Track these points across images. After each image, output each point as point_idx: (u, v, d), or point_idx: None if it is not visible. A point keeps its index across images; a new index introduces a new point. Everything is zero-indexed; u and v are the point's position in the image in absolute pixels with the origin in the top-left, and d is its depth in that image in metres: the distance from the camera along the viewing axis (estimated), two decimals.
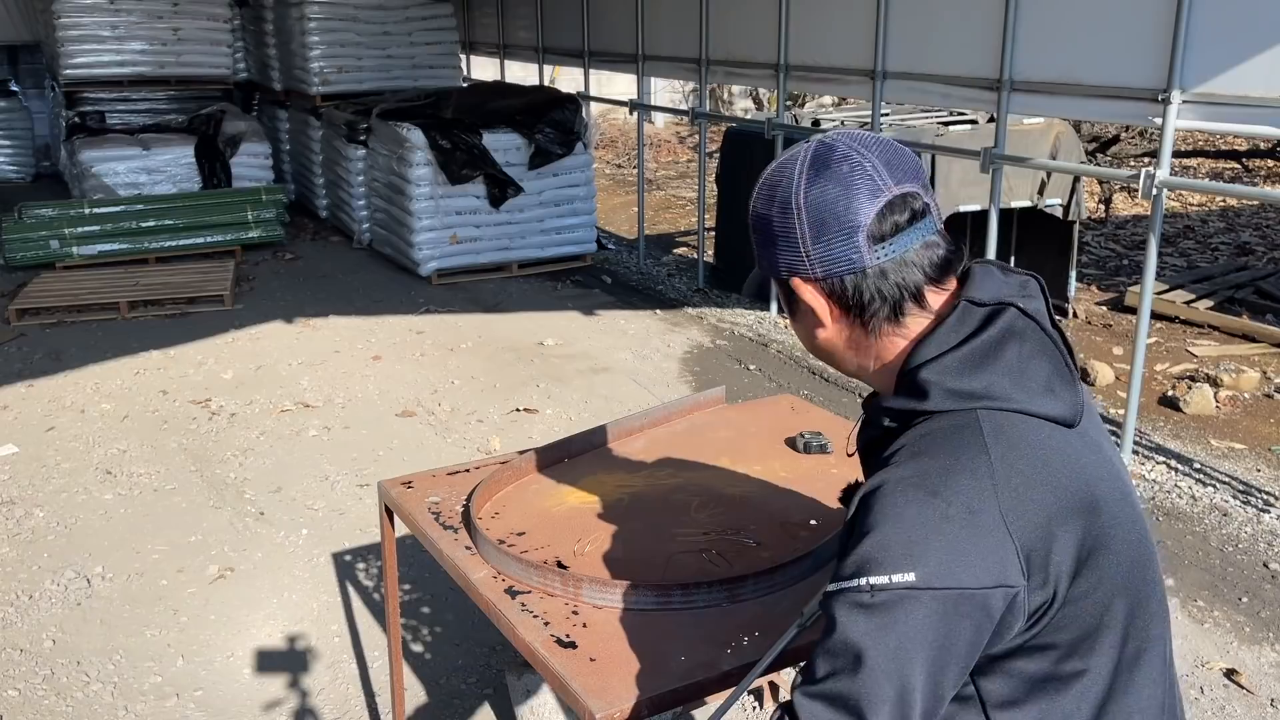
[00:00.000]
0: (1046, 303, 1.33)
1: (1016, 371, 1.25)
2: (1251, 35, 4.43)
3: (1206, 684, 3.45)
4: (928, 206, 1.30)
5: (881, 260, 1.27)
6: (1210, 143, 14.49)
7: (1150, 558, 1.36)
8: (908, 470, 1.22)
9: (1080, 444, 1.28)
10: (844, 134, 1.32)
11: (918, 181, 1.30)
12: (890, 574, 1.17)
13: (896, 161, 1.29)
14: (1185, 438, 5.47)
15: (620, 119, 18.22)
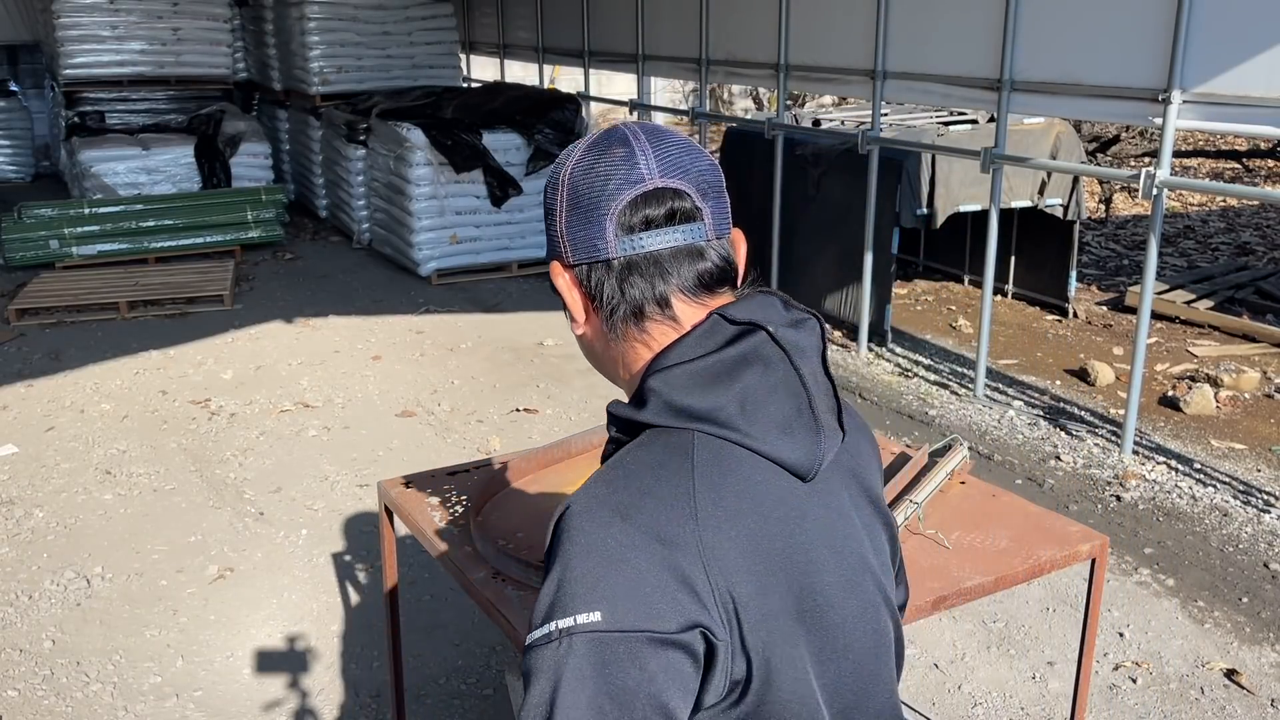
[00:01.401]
0: (823, 346, 1.19)
1: (751, 401, 1.10)
2: (1251, 35, 4.43)
3: (1207, 684, 3.44)
4: (698, 212, 1.15)
5: (628, 253, 1.14)
6: (1210, 143, 14.49)
7: (877, 662, 1.20)
8: (601, 489, 1.08)
9: (811, 502, 1.14)
10: (642, 123, 1.21)
11: (695, 185, 1.16)
12: (575, 614, 1.01)
13: (679, 160, 1.16)
14: (1185, 438, 5.47)
15: (620, 119, 18.23)
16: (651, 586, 1.02)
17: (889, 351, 6.85)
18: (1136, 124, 6.79)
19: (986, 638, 3.69)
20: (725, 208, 1.19)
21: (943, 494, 2.43)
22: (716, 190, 1.18)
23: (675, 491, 1.06)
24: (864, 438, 1.30)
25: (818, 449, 1.13)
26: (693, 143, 1.20)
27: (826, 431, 1.14)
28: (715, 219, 1.17)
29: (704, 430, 1.10)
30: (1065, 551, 2.19)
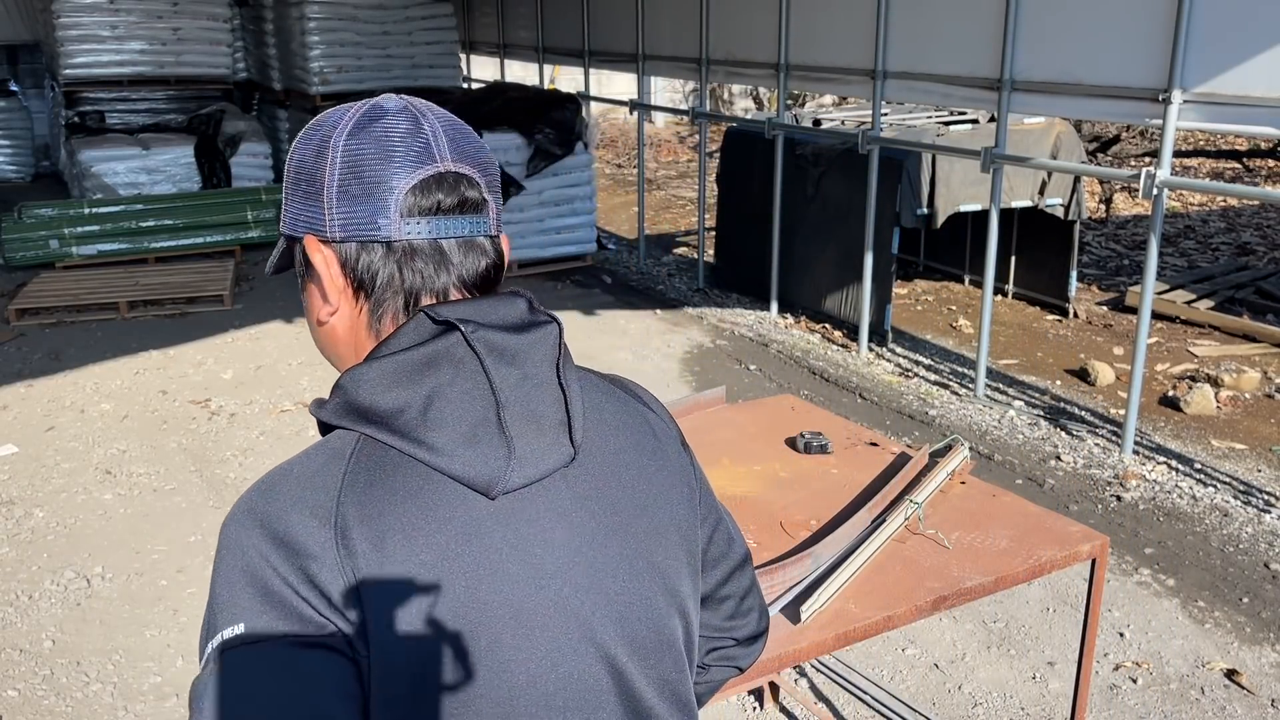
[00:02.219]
0: (559, 353, 1.07)
1: (436, 406, 0.99)
2: (1252, 35, 4.43)
3: (1207, 684, 3.44)
4: (485, 203, 1.07)
5: (411, 237, 1.04)
6: (1211, 142, 14.49)
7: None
8: (255, 496, 1.00)
9: (496, 524, 1.00)
10: (420, 100, 1.10)
11: (484, 176, 1.08)
12: (221, 631, 0.94)
13: (464, 143, 1.07)
14: (1186, 438, 5.47)
15: (620, 119, 18.22)
16: (292, 594, 0.94)
17: (889, 351, 6.85)
18: (1137, 124, 6.79)
19: (987, 638, 3.69)
20: (501, 206, 1.11)
21: (943, 494, 2.43)
22: (497, 185, 1.11)
23: (322, 501, 0.97)
24: (649, 456, 1.15)
25: (504, 464, 1.00)
26: (471, 129, 1.11)
27: (522, 445, 1.01)
28: (497, 215, 1.10)
29: (374, 435, 0.99)
30: (1065, 551, 2.19)
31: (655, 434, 1.17)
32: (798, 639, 1.85)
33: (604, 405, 1.14)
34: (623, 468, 1.11)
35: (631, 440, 1.14)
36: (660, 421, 1.20)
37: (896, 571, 2.08)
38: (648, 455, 1.15)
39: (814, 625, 1.89)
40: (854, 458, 2.66)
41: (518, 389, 1.02)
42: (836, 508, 2.36)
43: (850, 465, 2.61)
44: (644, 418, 1.17)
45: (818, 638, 1.87)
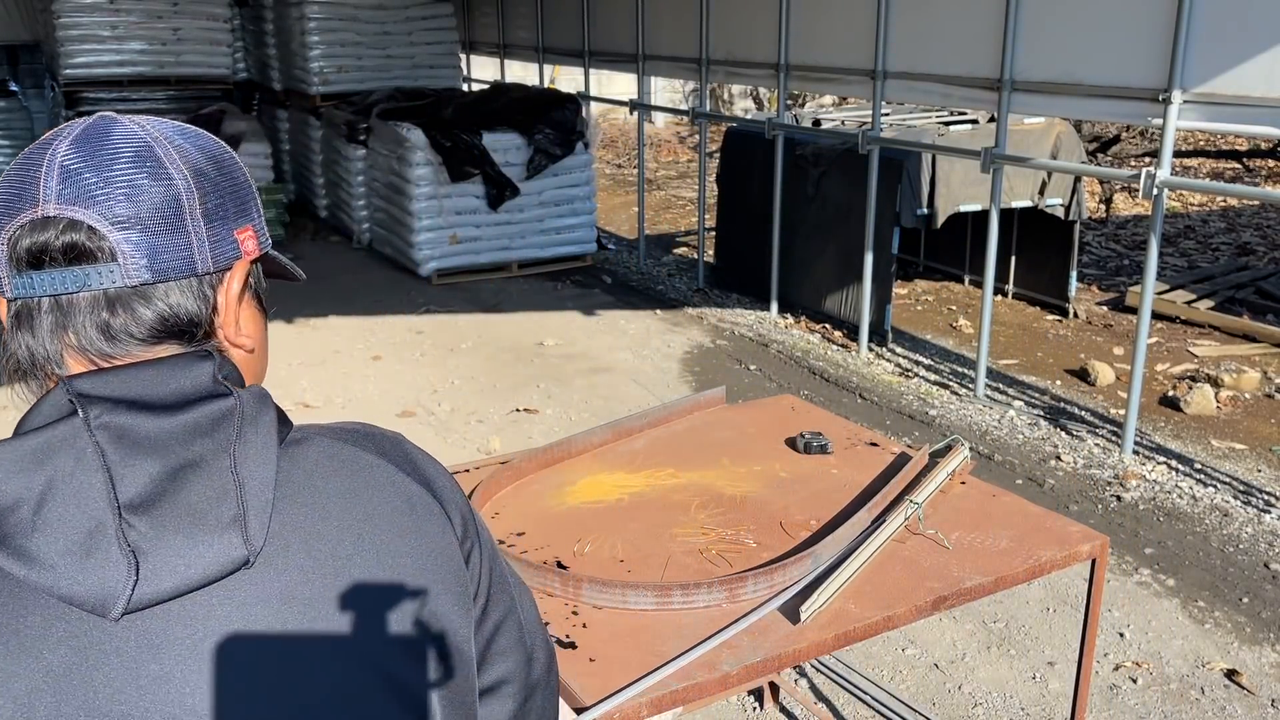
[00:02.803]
0: (234, 436, 0.92)
1: (48, 506, 0.82)
2: (1251, 35, 4.43)
3: (1207, 684, 3.44)
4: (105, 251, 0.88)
5: (11, 295, 0.89)
6: (1211, 142, 14.50)
7: None
8: None
9: (112, 648, 0.83)
10: (95, 121, 0.92)
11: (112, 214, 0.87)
12: None
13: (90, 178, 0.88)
14: (1186, 438, 5.47)
15: (620, 119, 18.22)
16: None
17: (889, 351, 6.85)
18: (1137, 124, 6.79)
19: (987, 638, 3.69)
20: (182, 242, 0.91)
21: (943, 494, 2.43)
22: (166, 221, 0.90)
23: None
24: (386, 531, 0.96)
25: (124, 578, 0.82)
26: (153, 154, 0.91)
27: (160, 553, 0.83)
28: (152, 256, 0.89)
29: None
30: (1065, 552, 2.19)
31: (410, 505, 0.99)
32: (797, 639, 1.85)
33: (322, 484, 0.96)
34: (339, 555, 0.92)
35: (360, 518, 0.95)
36: (422, 492, 1.01)
37: (896, 572, 2.09)
38: (384, 531, 0.96)
39: (814, 625, 1.89)
40: (854, 458, 2.66)
41: (158, 484, 0.84)
42: (836, 508, 2.36)
43: (850, 465, 2.61)
44: (395, 488, 0.99)
45: (817, 638, 1.87)
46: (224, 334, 1.01)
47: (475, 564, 1.04)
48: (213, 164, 0.95)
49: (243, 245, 0.98)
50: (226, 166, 0.97)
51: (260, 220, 1.03)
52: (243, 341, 1.05)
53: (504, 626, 1.09)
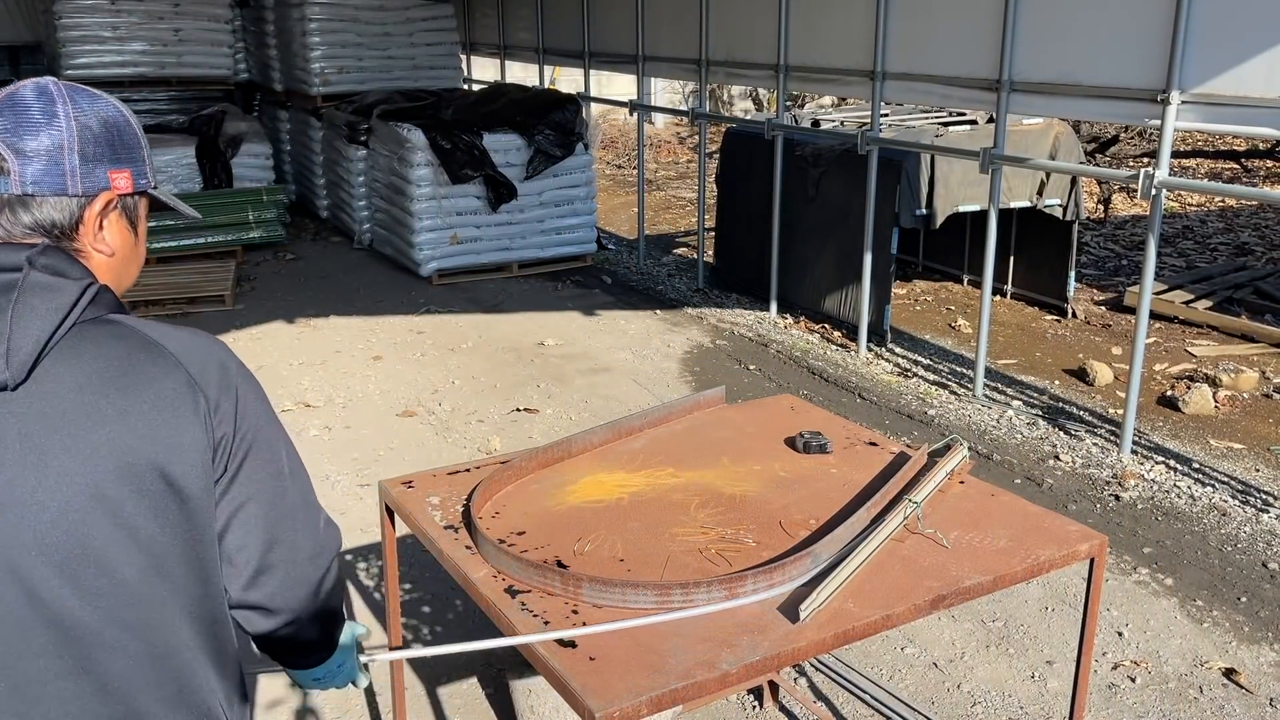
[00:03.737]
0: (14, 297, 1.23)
1: None
2: (1250, 36, 4.44)
3: (1206, 684, 3.45)
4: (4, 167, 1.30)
5: None
6: (1209, 143, 14.51)
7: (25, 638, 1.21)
8: None
9: None
10: (31, 83, 1.35)
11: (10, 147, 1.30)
12: None
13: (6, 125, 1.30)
14: (1184, 438, 5.48)
15: (620, 119, 18.23)
16: None
17: (888, 351, 6.86)
18: (1135, 124, 6.80)
19: (986, 637, 3.70)
20: (58, 171, 1.30)
21: (942, 494, 2.45)
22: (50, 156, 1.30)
23: None
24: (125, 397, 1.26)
25: None
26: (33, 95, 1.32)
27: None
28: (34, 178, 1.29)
29: None
30: (1064, 551, 2.20)
31: (169, 385, 1.29)
32: (797, 638, 1.87)
33: (88, 350, 1.26)
34: (80, 401, 1.23)
35: (107, 381, 1.25)
36: (187, 379, 1.30)
37: (895, 571, 2.10)
38: (135, 397, 1.26)
39: (813, 624, 1.91)
40: (853, 457, 2.67)
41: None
42: (836, 507, 2.38)
43: (849, 465, 2.62)
44: (160, 369, 1.29)
45: (817, 637, 1.88)
46: (83, 239, 1.35)
47: (225, 449, 1.33)
48: (100, 124, 1.36)
49: (113, 182, 1.37)
50: (114, 127, 1.38)
51: (142, 167, 1.43)
52: (101, 247, 1.38)
53: (247, 507, 1.37)
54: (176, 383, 1.30)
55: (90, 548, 1.23)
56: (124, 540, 1.25)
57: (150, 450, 1.26)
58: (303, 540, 1.44)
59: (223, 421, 1.33)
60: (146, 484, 1.26)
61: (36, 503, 1.20)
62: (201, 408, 1.30)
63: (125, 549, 1.25)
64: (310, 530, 1.46)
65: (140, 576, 1.27)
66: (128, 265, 1.44)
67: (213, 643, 1.37)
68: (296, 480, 1.44)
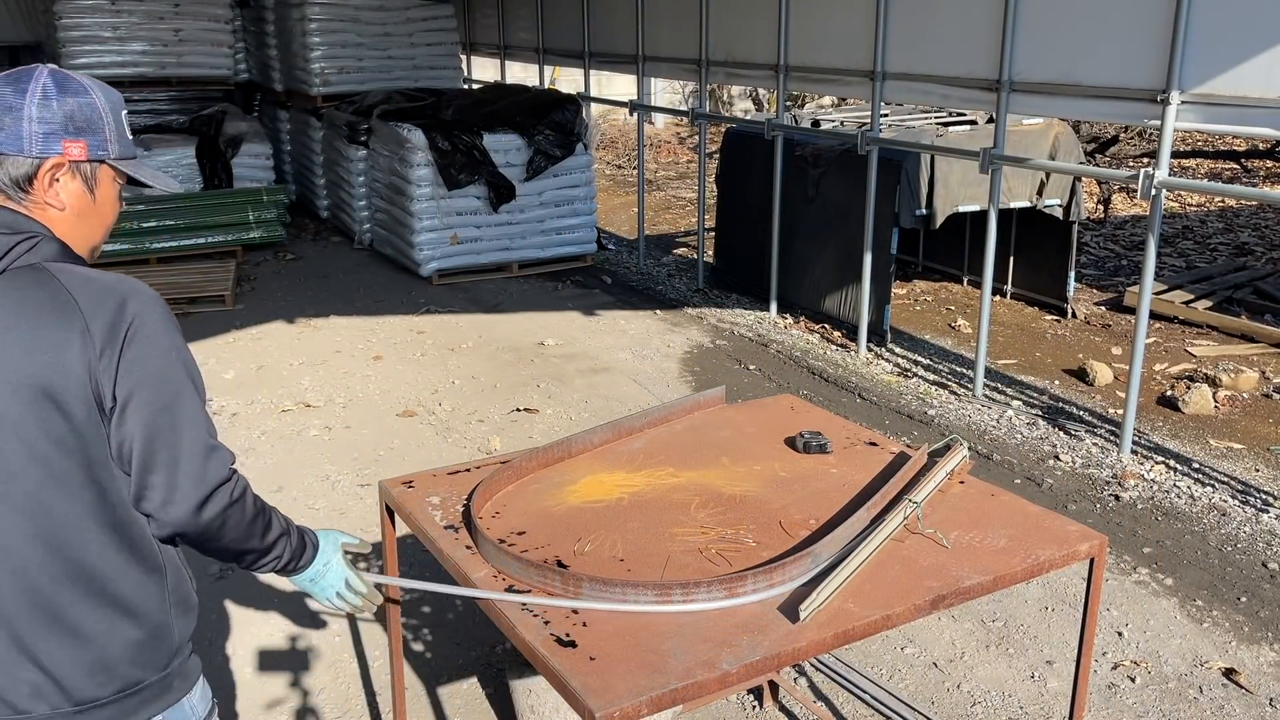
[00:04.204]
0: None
1: None
2: (1250, 36, 4.45)
3: (1205, 683, 3.46)
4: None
5: None
6: (1209, 143, 14.51)
7: None
8: None
9: None
10: (24, 70, 1.66)
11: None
12: None
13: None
14: (1184, 438, 5.49)
15: (620, 119, 18.23)
16: None
17: (888, 351, 6.86)
18: (1135, 125, 6.81)
19: (985, 637, 3.70)
20: (20, 135, 1.61)
21: (942, 493, 2.45)
22: (15, 124, 1.61)
23: None
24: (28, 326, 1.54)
25: None
26: (20, 75, 1.64)
27: None
28: (3, 141, 1.61)
29: None
30: (1064, 551, 2.20)
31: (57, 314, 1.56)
32: (797, 638, 1.87)
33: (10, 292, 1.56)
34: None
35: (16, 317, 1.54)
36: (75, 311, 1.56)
37: (895, 571, 2.10)
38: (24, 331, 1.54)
39: (813, 624, 1.91)
40: (853, 457, 2.67)
41: None
42: (836, 507, 2.38)
43: (849, 465, 2.62)
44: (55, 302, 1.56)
45: (817, 637, 1.88)
46: (37, 194, 1.65)
47: (110, 384, 1.57)
48: (65, 103, 1.64)
49: (66, 150, 1.65)
50: (80, 106, 1.66)
51: (100, 140, 1.68)
52: (52, 201, 1.66)
53: (132, 437, 1.59)
54: (69, 323, 1.56)
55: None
56: (21, 451, 1.55)
57: (42, 376, 1.53)
58: (183, 468, 1.63)
59: (106, 361, 1.57)
60: (37, 405, 1.54)
61: None
62: (89, 347, 1.55)
63: (22, 460, 1.55)
64: (190, 460, 1.63)
65: (38, 485, 1.56)
66: (85, 220, 1.71)
67: (124, 544, 1.63)
68: (180, 417, 1.63)
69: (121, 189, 1.76)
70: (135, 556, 1.64)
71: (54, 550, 1.58)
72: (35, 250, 1.61)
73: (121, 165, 1.73)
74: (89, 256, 1.75)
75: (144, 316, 1.61)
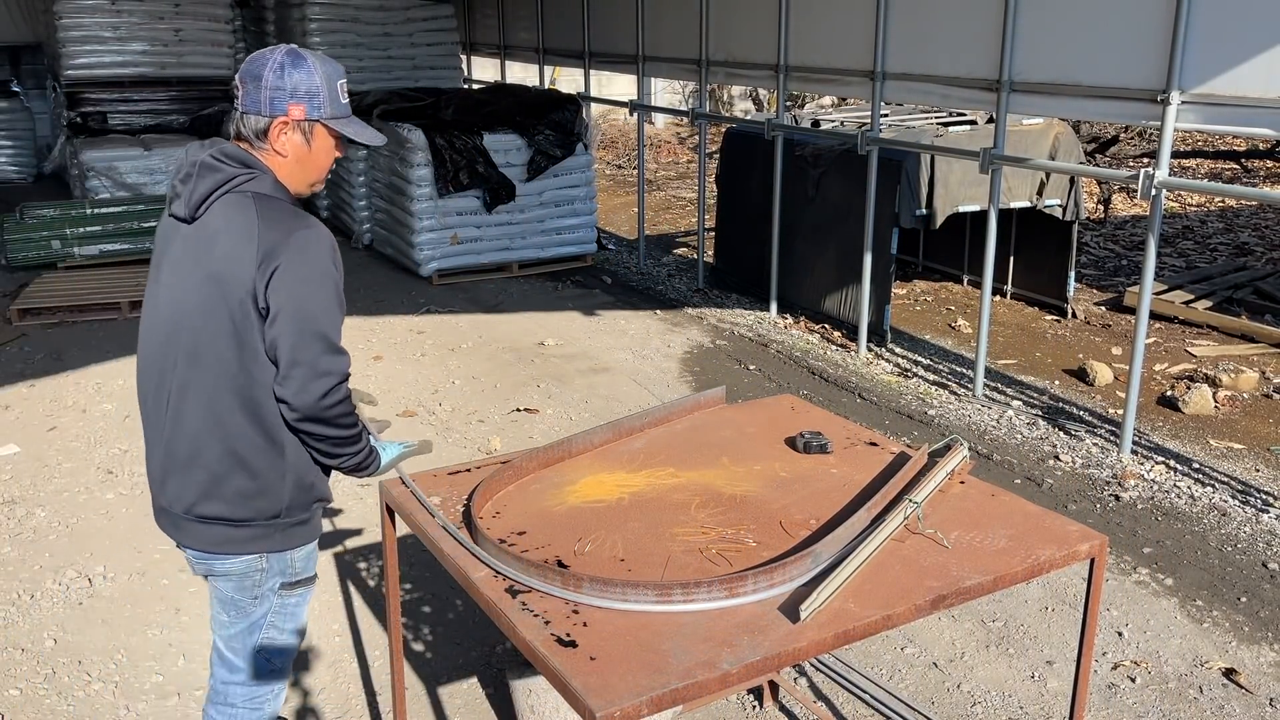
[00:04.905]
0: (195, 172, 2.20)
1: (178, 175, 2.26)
2: (1249, 36, 4.45)
3: (1205, 683, 3.45)
4: (236, 93, 2.23)
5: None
6: (1209, 143, 14.51)
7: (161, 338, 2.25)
8: None
9: (176, 233, 2.24)
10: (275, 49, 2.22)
11: (240, 78, 2.21)
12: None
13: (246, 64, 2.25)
14: (1184, 438, 5.48)
15: (620, 119, 18.22)
16: None
17: (888, 351, 6.86)
18: (1135, 125, 6.81)
19: (986, 637, 3.70)
20: (254, 96, 2.18)
21: (942, 494, 2.45)
22: (256, 90, 2.18)
23: None
24: (234, 244, 2.13)
25: (166, 208, 2.28)
26: (266, 53, 2.21)
27: (178, 205, 2.21)
28: (246, 102, 2.20)
29: None
30: (1064, 551, 2.20)
31: (246, 233, 2.14)
32: (797, 638, 1.87)
33: (227, 209, 2.16)
34: (212, 235, 2.17)
35: (229, 232, 2.14)
36: (258, 233, 2.13)
37: (896, 571, 2.10)
38: (227, 237, 2.15)
39: (813, 624, 1.91)
40: (853, 457, 2.67)
41: (186, 178, 2.21)
42: (836, 507, 2.38)
43: (850, 465, 2.62)
44: (249, 225, 2.14)
45: (817, 637, 1.88)
46: (270, 143, 2.22)
47: (265, 278, 2.12)
48: (290, 78, 2.18)
49: (290, 110, 2.20)
50: (303, 79, 2.19)
51: (315, 104, 2.22)
52: (279, 149, 2.23)
53: (280, 336, 2.14)
54: (249, 242, 2.12)
55: (186, 320, 2.18)
56: (198, 319, 2.17)
57: (225, 275, 2.13)
58: (314, 365, 2.14)
59: (261, 276, 2.11)
60: (217, 295, 2.14)
61: (179, 287, 2.20)
62: (255, 261, 2.11)
63: (195, 325, 2.17)
64: (319, 360, 2.14)
65: (202, 345, 2.17)
66: (302, 165, 2.26)
67: (256, 419, 2.20)
68: (316, 324, 2.14)
69: (338, 143, 2.28)
70: (262, 430, 2.20)
71: (210, 409, 2.18)
72: (252, 182, 2.18)
73: (333, 124, 2.24)
74: (306, 191, 2.30)
75: (300, 248, 2.13)
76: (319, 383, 2.14)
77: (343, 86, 2.25)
